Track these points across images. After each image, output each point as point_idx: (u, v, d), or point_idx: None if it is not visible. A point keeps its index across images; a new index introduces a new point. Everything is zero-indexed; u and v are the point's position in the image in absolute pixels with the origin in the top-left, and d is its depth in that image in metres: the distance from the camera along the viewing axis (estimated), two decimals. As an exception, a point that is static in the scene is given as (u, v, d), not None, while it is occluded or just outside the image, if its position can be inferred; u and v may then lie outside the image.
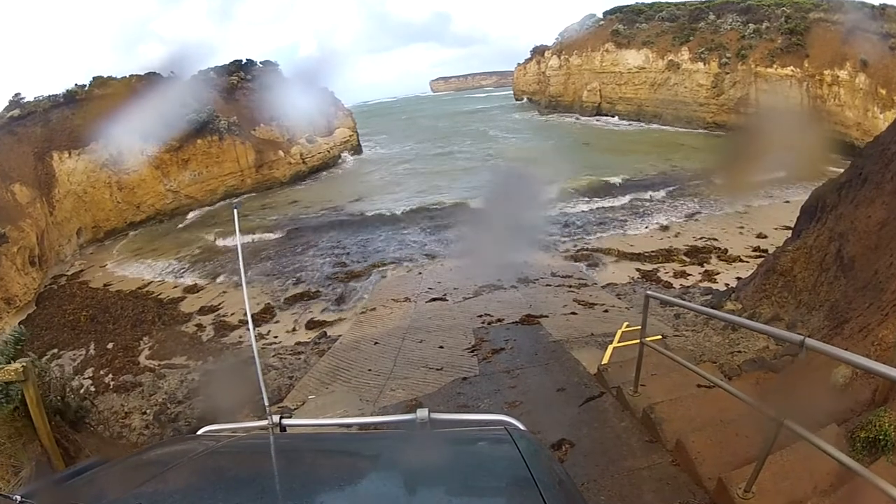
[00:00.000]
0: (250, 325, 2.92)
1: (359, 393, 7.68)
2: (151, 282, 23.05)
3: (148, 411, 9.05)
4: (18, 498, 1.42)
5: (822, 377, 4.96)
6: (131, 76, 35.23)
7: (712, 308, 8.23)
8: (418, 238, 24.41)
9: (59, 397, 5.02)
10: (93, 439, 5.34)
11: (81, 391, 7.33)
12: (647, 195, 26.95)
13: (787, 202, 22.56)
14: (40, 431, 4.52)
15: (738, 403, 3.95)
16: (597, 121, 51.47)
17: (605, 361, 6.74)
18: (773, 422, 3.13)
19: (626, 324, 8.96)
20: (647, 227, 22.87)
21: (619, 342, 7.75)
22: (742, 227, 21.37)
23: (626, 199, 26.62)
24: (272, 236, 26.65)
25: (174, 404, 9.29)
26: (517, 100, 70.82)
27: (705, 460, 3.94)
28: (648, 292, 4.99)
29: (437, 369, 8.07)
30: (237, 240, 3.21)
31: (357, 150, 47.24)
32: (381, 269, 20.91)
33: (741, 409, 4.14)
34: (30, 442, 4.49)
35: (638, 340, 5.14)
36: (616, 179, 29.85)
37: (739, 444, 4.07)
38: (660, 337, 7.22)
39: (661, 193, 27.15)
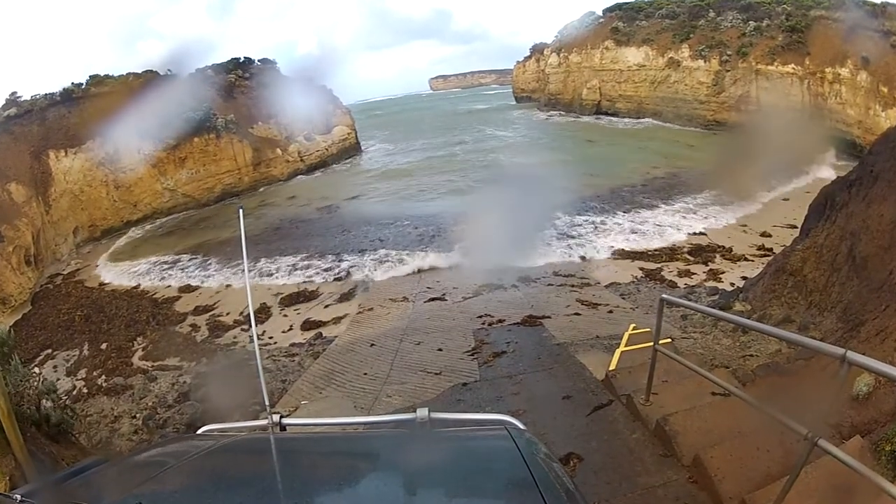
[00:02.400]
0: (253, 329, 2.74)
1: (353, 399, 7.42)
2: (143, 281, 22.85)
3: (137, 415, 8.82)
4: (19, 497, 1.39)
5: (843, 384, 4.71)
6: (128, 74, 35.06)
7: (721, 309, 7.99)
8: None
9: (34, 406, 4.75)
10: (72, 450, 5.07)
11: (63, 398, 7.05)
12: (648, 193, 26.68)
13: (787, 199, 22.48)
14: (13, 444, 4.23)
15: (757, 413, 3.70)
16: (597, 119, 51.15)
17: (612, 367, 6.45)
18: (806, 441, 2.85)
19: (632, 325, 8.69)
20: (650, 225, 22.61)
21: (626, 346, 7.48)
22: (745, 225, 21.14)
23: (628, 198, 26.33)
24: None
25: (164, 408, 9.04)
26: (517, 99, 70.28)
27: (725, 478, 3.67)
28: (664, 296, 4.69)
29: (436, 373, 7.81)
30: (242, 242, 3.13)
31: (356, 148, 47.04)
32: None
33: (760, 419, 3.89)
34: (3, 456, 4.22)
35: (646, 344, 4.87)
36: (621, 179, 29.57)
37: (760, 460, 3.81)
38: (669, 340, 6.94)
39: (663, 191, 26.89)
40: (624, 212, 24.52)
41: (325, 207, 30.99)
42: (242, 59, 41.69)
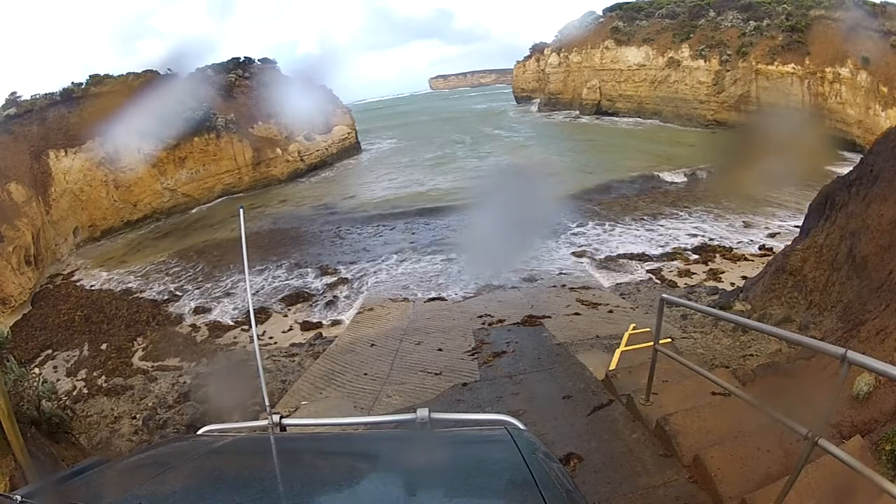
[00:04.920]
0: (253, 330, 2.75)
1: (353, 399, 7.41)
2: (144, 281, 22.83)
3: (137, 416, 8.82)
4: (19, 498, 1.40)
5: (843, 384, 4.70)
6: (128, 74, 35.00)
7: (721, 309, 7.98)
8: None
9: (34, 407, 4.75)
10: (72, 451, 5.06)
11: (63, 398, 7.05)
12: (650, 194, 26.65)
13: (789, 199, 22.46)
14: (13, 445, 4.22)
15: (757, 413, 3.70)
16: (597, 118, 51.09)
17: (612, 367, 6.45)
18: (806, 440, 2.84)
19: (632, 325, 8.67)
20: (651, 226, 22.59)
21: (626, 346, 7.47)
22: (746, 225, 21.14)
23: (629, 200, 26.28)
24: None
25: (164, 409, 9.03)
26: (517, 99, 70.06)
27: (725, 477, 3.66)
28: (664, 296, 4.69)
29: (436, 374, 7.80)
30: (242, 242, 3.09)
31: (356, 148, 47.12)
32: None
33: (760, 419, 3.89)
34: (3, 456, 4.21)
35: (647, 344, 4.86)
36: (622, 180, 29.50)
37: (760, 460, 3.81)
38: (669, 340, 6.94)
39: (664, 192, 26.86)
40: (625, 213, 24.51)
41: (323, 206, 31.01)
42: (242, 58, 41.67)
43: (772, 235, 19.69)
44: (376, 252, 22.63)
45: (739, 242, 19.50)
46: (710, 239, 20.23)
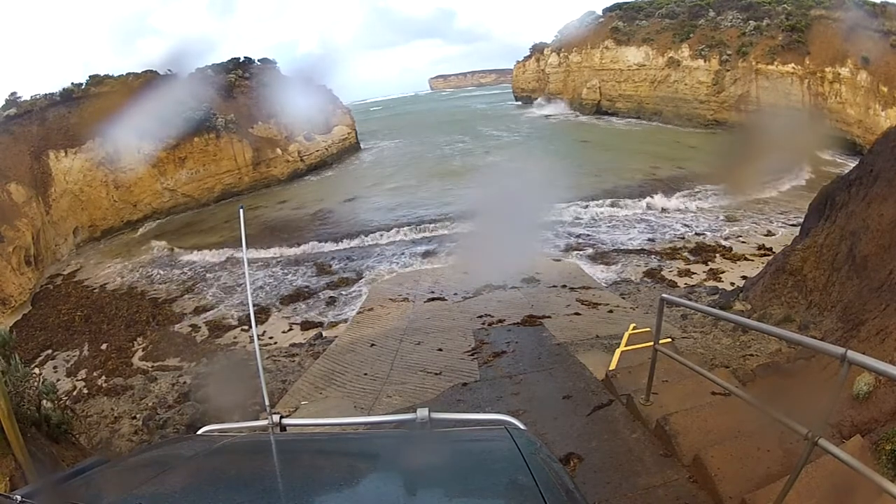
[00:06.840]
0: (253, 330, 2.74)
1: (353, 399, 7.40)
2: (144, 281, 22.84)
3: (137, 416, 8.82)
4: (19, 498, 1.40)
5: (843, 383, 4.69)
6: (128, 74, 34.99)
7: (721, 309, 7.98)
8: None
9: (35, 407, 4.75)
10: (72, 451, 5.06)
11: (63, 398, 7.05)
12: (650, 195, 26.64)
13: (788, 199, 22.50)
14: (13, 445, 4.22)
15: (757, 413, 3.70)
16: (597, 118, 51.07)
17: (612, 367, 6.45)
18: (806, 440, 2.84)
19: (632, 325, 8.66)
20: (651, 226, 22.59)
21: (626, 345, 7.46)
22: (745, 225, 21.15)
23: (629, 201, 26.28)
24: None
25: (164, 409, 9.03)
26: (517, 99, 70.00)
27: (725, 477, 3.66)
28: (664, 295, 4.70)
29: (436, 374, 7.78)
30: (243, 242, 3.08)
31: (356, 148, 47.17)
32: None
33: (760, 419, 3.89)
34: (3, 456, 4.21)
35: (647, 344, 4.86)
36: (623, 181, 29.48)
37: (760, 459, 3.81)
38: (669, 340, 6.93)
39: (665, 192, 26.83)
40: (625, 213, 24.52)
41: (323, 206, 31.02)
42: (242, 58, 41.60)
43: (770, 234, 19.73)
44: (376, 252, 22.66)
45: (736, 240, 19.52)
46: (708, 236, 20.29)
